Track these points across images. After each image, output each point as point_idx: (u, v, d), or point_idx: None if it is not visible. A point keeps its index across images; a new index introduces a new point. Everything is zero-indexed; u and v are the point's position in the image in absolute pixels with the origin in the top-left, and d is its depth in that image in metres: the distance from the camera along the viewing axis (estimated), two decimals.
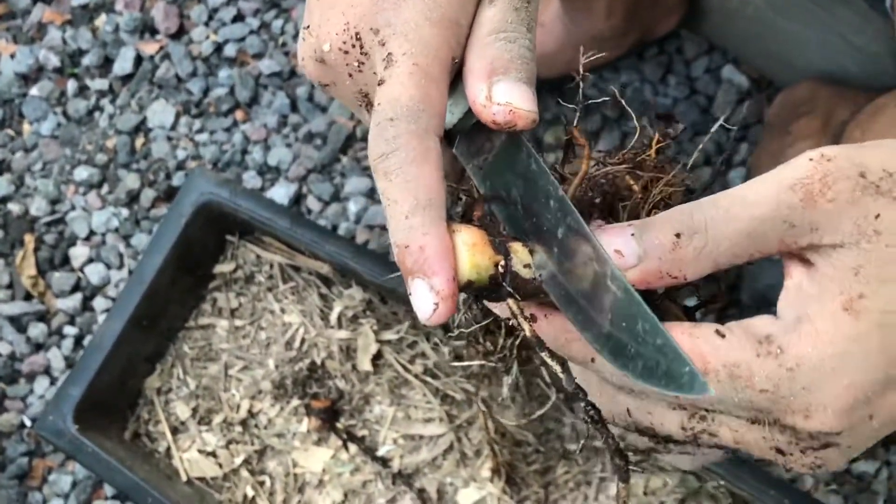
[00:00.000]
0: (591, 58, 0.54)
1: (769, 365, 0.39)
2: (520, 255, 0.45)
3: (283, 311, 0.96)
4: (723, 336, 0.40)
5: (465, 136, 0.49)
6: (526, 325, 0.43)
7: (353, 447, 0.93)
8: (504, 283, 0.43)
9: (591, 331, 0.41)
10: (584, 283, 0.42)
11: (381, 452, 0.93)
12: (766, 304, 1.06)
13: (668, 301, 0.49)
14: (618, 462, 0.44)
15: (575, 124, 0.52)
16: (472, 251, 0.43)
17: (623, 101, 0.58)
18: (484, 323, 0.55)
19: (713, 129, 0.58)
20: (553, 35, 1.10)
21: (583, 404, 0.43)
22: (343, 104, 0.47)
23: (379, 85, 0.44)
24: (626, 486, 0.44)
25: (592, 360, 0.43)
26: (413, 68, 0.44)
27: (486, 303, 0.47)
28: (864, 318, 0.38)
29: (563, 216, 0.43)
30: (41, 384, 1.18)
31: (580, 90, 0.54)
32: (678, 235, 0.41)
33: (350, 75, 0.47)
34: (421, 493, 0.91)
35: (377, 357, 0.94)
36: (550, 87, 1.17)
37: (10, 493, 1.15)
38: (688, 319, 0.48)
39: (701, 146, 0.59)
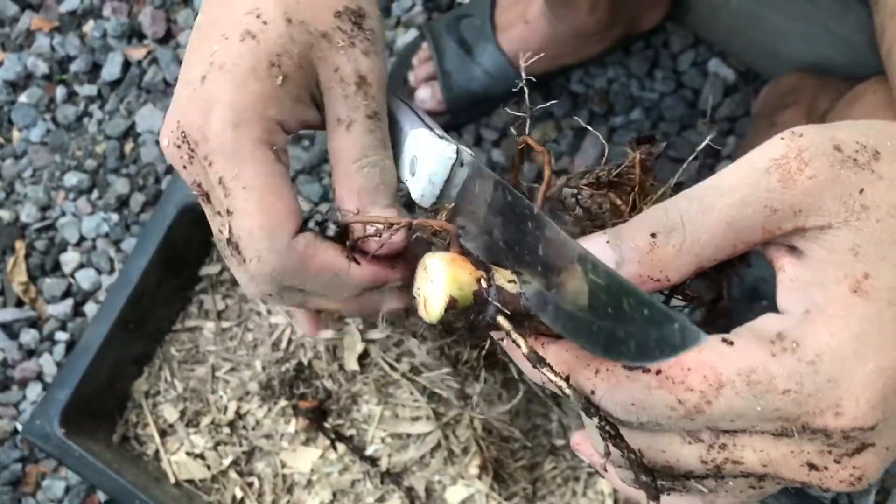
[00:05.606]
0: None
1: (788, 362, 0.37)
2: (502, 272, 0.43)
3: (269, 311, 0.96)
4: (730, 343, 0.38)
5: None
6: (522, 342, 0.41)
7: (341, 447, 0.93)
8: (490, 299, 0.41)
9: (583, 334, 0.39)
10: (569, 289, 0.40)
11: (369, 451, 0.93)
12: (756, 297, 1.06)
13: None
14: (643, 479, 0.40)
15: (527, 133, 0.52)
16: (452, 266, 0.41)
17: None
18: (448, 340, 0.55)
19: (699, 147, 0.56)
20: (537, 31, 1.09)
21: (596, 420, 0.40)
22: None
23: (229, 214, 0.47)
24: None
25: (593, 392, 0.40)
26: (245, 193, 0.47)
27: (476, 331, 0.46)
28: (875, 297, 0.36)
29: (542, 232, 0.42)
30: (33, 390, 1.19)
31: (526, 97, 0.54)
32: (654, 235, 0.39)
33: (184, 167, 0.49)
34: (409, 491, 0.91)
35: (363, 356, 0.94)
36: (536, 83, 1.17)
37: (4, 500, 1.16)
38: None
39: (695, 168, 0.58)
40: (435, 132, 0.52)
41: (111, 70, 1.26)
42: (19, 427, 1.17)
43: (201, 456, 0.94)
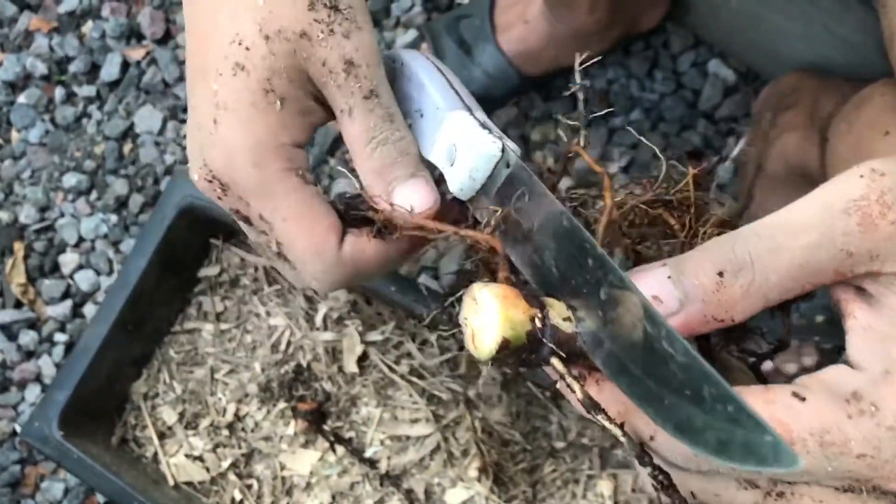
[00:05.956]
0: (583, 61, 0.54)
1: (865, 426, 0.35)
2: (557, 308, 0.40)
3: (268, 313, 0.96)
4: (802, 399, 0.36)
5: (485, 199, 0.49)
6: (577, 386, 0.38)
7: (340, 449, 0.93)
8: (544, 339, 0.39)
9: (651, 403, 0.36)
10: (636, 349, 0.37)
11: (368, 454, 0.93)
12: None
13: (725, 352, 0.44)
14: None
15: (582, 145, 0.49)
16: (504, 304, 0.38)
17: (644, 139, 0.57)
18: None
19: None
20: (537, 31, 1.09)
21: (649, 469, 0.38)
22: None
23: (279, 245, 0.50)
24: None
25: (651, 437, 0.39)
26: (285, 226, 0.49)
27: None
28: None
29: (604, 274, 0.39)
30: (32, 392, 1.18)
31: (581, 104, 0.53)
32: (721, 274, 0.37)
33: (219, 199, 0.50)
34: (409, 493, 0.91)
35: (363, 358, 0.93)
36: (536, 84, 1.16)
37: (4, 502, 1.15)
38: (752, 371, 0.44)
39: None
40: (475, 116, 0.49)
41: (110, 71, 1.26)
42: (18, 429, 1.17)
43: (200, 458, 0.94)
